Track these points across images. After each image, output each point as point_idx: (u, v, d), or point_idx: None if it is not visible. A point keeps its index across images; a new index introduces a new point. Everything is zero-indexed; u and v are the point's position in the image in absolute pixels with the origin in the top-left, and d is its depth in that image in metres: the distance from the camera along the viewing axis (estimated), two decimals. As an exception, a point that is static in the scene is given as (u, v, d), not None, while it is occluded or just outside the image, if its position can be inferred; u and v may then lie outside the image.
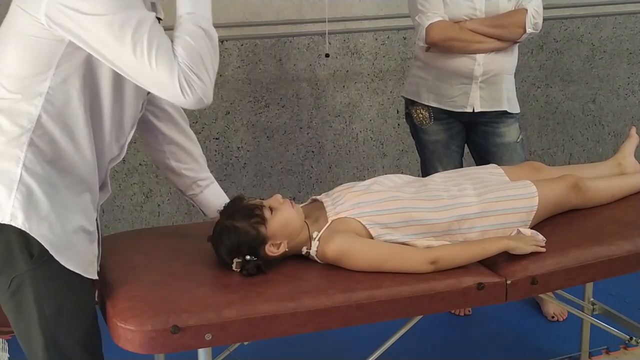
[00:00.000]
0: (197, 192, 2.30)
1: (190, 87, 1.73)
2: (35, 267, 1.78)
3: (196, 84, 1.74)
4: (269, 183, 3.95)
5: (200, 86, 1.74)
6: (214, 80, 1.80)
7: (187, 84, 1.73)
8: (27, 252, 1.77)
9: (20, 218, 1.74)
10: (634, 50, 4.57)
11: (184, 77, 1.72)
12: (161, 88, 1.75)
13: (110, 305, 1.92)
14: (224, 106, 3.79)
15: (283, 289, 1.99)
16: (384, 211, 2.17)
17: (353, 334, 2.44)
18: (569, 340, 3.07)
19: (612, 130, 4.66)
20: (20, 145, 1.75)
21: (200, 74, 1.74)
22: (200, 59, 1.75)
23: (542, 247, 2.17)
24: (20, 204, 1.74)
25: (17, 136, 1.75)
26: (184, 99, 1.74)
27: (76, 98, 1.78)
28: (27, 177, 1.75)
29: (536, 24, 2.96)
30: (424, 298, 2.03)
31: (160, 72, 1.71)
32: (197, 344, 1.88)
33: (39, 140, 1.77)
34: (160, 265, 2.13)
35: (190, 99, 1.74)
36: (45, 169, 1.78)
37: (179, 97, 1.74)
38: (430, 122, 3.12)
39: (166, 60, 1.71)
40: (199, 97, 1.75)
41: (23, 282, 1.79)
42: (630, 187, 2.55)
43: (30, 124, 1.75)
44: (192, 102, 1.75)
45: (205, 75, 1.76)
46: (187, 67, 1.73)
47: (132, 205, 3.70)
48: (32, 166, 1.76)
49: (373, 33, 3.99)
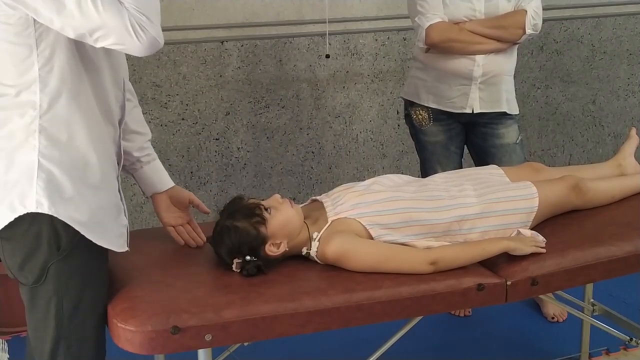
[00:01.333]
0: (137, 167, 2.20)
1: (143, 29, 1.71)
2: (60, 258, 1.81)
3: (147, 24, 1.71)
4: (269, 184, 3.95)
5: (152, 26, 1.72)
6: (160, 21, 1.78)
7: (139, 26, 1.71)
8: (54, 244, 1.80)
9: (46, 204, 1.77)
10: (634, 51, 4.57)
11: (135, 20, 1.70)
12: (114, 36, 1.72)
13: (110, 305, 1.92)
14: (224, 107, 3.79)
15: (283, 290, 1.99)
16: (384, 211, 2.17)
17: (353, 335, 2.44)
18: (569, 341, 3.06)
19: (612, 131, 4.66)
20: (32, 133, 1.77)
21: (149, 15, 1.72)
22: None
23: (542, 248, 2.17)
24: (43, 190, 1.77)
25: (26, 125, 1.77)
26: (138, 42, 1.71)
27: (68, 70, 1.79)
28: (45, 162, 1.77)
29: (536, 25, 2.96)
30: (424, 299, 2.03)
31: (110, 19, 1.69)
32: (197, 344, 1.88)
33: (48, 124, 1.78)
34: (160, 265, 2.13)
35: (144, 41, 1.72)
36: (62, 150, 1.79)
37: (134, 41, 1.71)
38: (429, 123, 3.12)
39: (113, 6, 1.69)
40: (152, 37, 1.72)
41: (47, 274, 1.81)
42: (631, 188, 2.55)
43: (35, 111, 1.77)
44: (147, 44, 1.72)
45: (154, 15, 1.74)
46: (134, 9, 1.71)
47: (132, 206, 3.71)
48: (48, 152, 1.78)
49: (373, 34, 3.99)
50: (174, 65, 3.67)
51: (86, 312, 1.87)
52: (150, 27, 1.72)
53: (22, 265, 1.82)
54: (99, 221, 1.85)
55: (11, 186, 1.78)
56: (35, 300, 1.85)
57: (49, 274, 1.82)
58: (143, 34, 1.71)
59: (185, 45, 3.66)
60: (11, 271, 1.86)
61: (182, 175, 3.77)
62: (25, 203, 1.77)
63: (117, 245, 1.91)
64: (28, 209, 1.77)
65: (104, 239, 1.86)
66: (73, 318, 1.85)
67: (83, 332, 1.88)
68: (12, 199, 1.78)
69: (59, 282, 1.83)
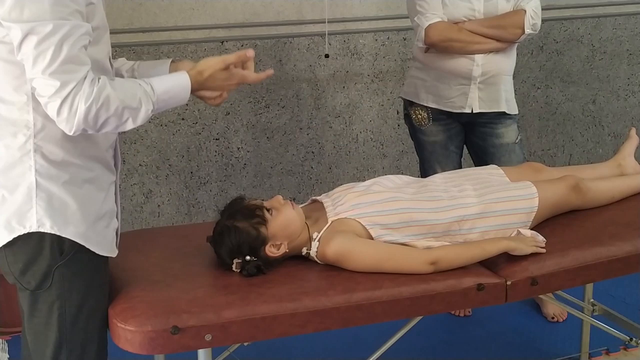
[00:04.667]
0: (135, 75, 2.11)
1: (71, 115, 1.68)
2: (63, 263, 1.80)
3: (78, 118, 1.68)
4: (269, 184, 3.95)
5: (80, 123, 1.69)
6: (96, 130, 1.74)
7: (69, 110, 1.67)
8: (57, 248, 1.79)
9: (48, 223, 1.77)
10: (634, 51, 4.57)
11: (72, 102, 1.67)
12: (43, 97, 1.69)
13: (110, 305, 1.92)
14: (224, 107, 3.79)
15: (283, 290, 1.99)
16: (384, 212, 2.17)
17: (353, 335, 2.44)
18: (568, 341, 3.07)
19: (612, 131, 4.66)
20: (28, 153, 1.76)
21: (94, 120, 1.70)
22: (113, 109, 1.71)
23: (542, 248, 2.17)
24: (44, 210, 1.77)
25: (22, 145, 1.76)
26: (59, 119, 1.69)
27: None
28: (43, 181, 1.77)
29: (535, 24, 2.96)
30: (423, 299, 2.03)
31: (51, 80, 1.66)
32: (197, 344, 1.88)
33: (43, 142, 1.77)
34: (160, 265, 2.13)
35: (64, 124, 1.69)
36: (59, 168, 1.79)
37: (55, 116, 1.69)
38: (428, 123, 3.12)
39: (66, 71, 1.66)
40: (74, 129, 1.70)
41: (50, 279, 1.80)
42: (631, 188, 2.55)
43: (29, 130, 1.76)
44: (69, 126, 1.69)
45: (102, 119, 1.71)
46: (95, 95, 1.69)
47: (132, 206, 3.71)
48: (45, 170, 1.77)
49: (373, 34, 3.99)
50: (174, 65, 3.66)
51: (89, 315, 1.86)
52: (78, 115, 1.68)
53: (25, 270, 1.81)
54: (99, 232, 1.85)
55: (9, 206, 1.77)
56: (37, 305, 1.83)
57: (52, 279, 1.80)
58: (67, 113, 1.68)
59: (185, 45, 3.66)
60: (13, 276, 1.84)
61: (182, 175, 3.77)
62: (26, 224, 1.77)
63: (110, 250, 1.90)
64: (28, 229, 1.77)
65: (102, 247, 1.86)
66: (76, 322, 1.84)
67: (85, 336, 1.87)
68: (10, 219, 1.77)
69: (62, 286, 1.82)
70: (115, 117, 1.74)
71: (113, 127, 1.76)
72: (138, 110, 1.77)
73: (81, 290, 1.84)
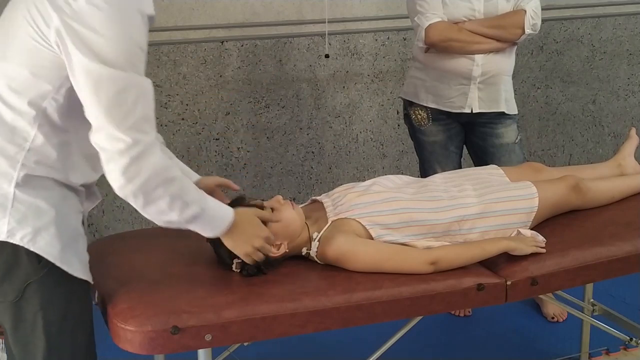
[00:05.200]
0: None
1: (133, 176, 1.66)
2: (43, 273, 1.76)
3: (139, 181, 1.66)
4: (269, 184, 3.95)
5: (138, 187, 1.67)
6: (140, 207, 1.72)
7: (135, 171, 1.65)
8: (35, 259, 1.75)
9: (18, 235, 1.72)
10: (634, 51, 4.57)
11: (141, 162, 1.65)
12: (109, 151, 1.66)
13: (110, 305, 1.92)
14: (224, 107, 3.79)
15: (283, 290, 1.99)
16: (384, 212, 2.17)
17: (353, 335, 2.44)
18: (568, 341, 3.06)
19: (612, 131, 4.66)
20: (14, 165, 1.72)
21: (151, 191, 1.68)
22: (172, 190, 1.71)
23: (542, 248, 2.17)
24: (17, 221, 1.72)
25: (11, 155, 1.72)
26: (119, 176, 1.66)
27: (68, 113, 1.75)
28: (21, 194, 1.73)
29: (535, 24, 2.96)
30: (423, 299, 2.03)
31: (123, 135, 1.64)
32: (197, 344, 1.88)
33: (33, 158, 1.73)
34: (160, 265, 2.13)
35: (122, 182, 1.67)
36: (39, 183, 1.75)
37: (116, 172, 1.66)
38: (428, 123, 3.12)
39: (140, 129, 1.65)
40: (127, 191, 1.68)
41: (30, 289, 1.76)
42: (631, 188, 2.55)
43: (25, 142, 1.72)
44: (123, 183, 1.67)
45: (159, 194, 1.70)
46: (160, 167, 1.68)
47: (132, 205, 3.70)
48: (24, 184, 1.73)
49: (373, 34, 3.99)
50: (174, 65, 3.67)
51: (75, 321, 1.84)
52: (137, 182, 1.66)
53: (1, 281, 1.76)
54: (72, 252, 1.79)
55: None
56: (20, 316, 1.79)
57: (31, 289, 1.76)
58: (128, 178, 1.66)
59: (185, 45, 3.66)
60: None
61: (182, 175, 3.77)
62: None
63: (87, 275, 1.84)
64: None
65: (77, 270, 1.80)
66: (62, 329, 1.81)
67: (75, 341, 1.84)
68: None
69: (43, 295, 1.77)
70: (169, 200, 1.72)
71: (157, 210, 1.74)
72: (187, 207, 1.76)
73: (65, 297, 1.80)
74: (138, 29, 1.67)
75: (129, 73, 1.65)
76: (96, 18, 1.62)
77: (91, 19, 1.62)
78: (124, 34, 1.64)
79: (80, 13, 1.62)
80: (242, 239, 1.94)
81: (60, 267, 1.76)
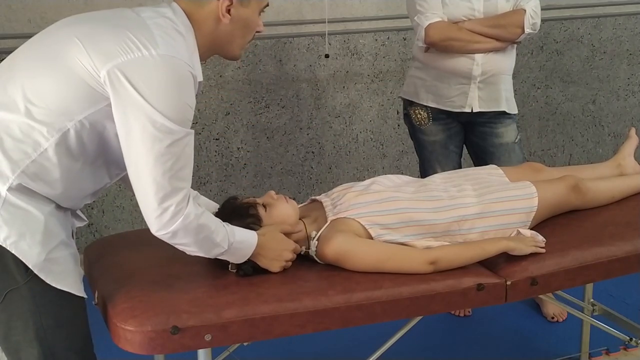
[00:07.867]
0: None
1: (172, 219, 1.77)
2: (31, 278, 1.75)
3: (172, 229, 1.78)
4: (269, 184, 3.95)
5: (171, 234, 1.80)
6: (176, 243, 1.85)
7: (173, 215, 1.77)
8: (22, 265, 1.74)
9: (2, 235, 1.72)
10: (634, 51, 4.58)
11: (178, 210, 1.76)
12: (147, 194, 1.76)
13: (110, 306, 1.92)
14: (224, 107, 3.79)
15: (283, 290, 1.99)
16: (383, 211, 2.17)
17: (353, 335, 2.44)
18: (568, 341, 3.06)
19: (612, 131, 4.66)
20: (14, 169, 1.72)
21: (182, 237, 1.81)
22: (197, 239, 1.84)
23: (541, 248, 2.17)
24: (4, 222, 1.72)
25: (15, 159, 1.72)
26: (157, 217, 1.77)
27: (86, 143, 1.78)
28: (12, 198, 1.73)
29: (534, 24, 2.96)
30: (423, 299, 2.03)
31: (166, 184, 1.74)
32: (197, 344, 1.88)
33: (35, 170, 1.74)
34: (159, 265, 2.13)
35: (160, 224, 1.78)
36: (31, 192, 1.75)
37: (154, 214, 1.77)
38: (428, 123, 3.12)
39: (179, 184, 1.75)
40: (159, 234, 1.80)
41: (18, 295, 1.75)
42: (630, 188, 2.55)
43: (34, 152, 1.73)
44: (158, 227, 1.79)
45: (186, 240, 1.83)
46: (193, 216, 1.79)
47: (132, 205, 3.70)
48: (18, 189, 1.73)
49: (373, 34, 3.99)
50: (173, 65, 3.66)
51: (69, 325, 1.83)
52: (175, 225, 1.78)
53: None
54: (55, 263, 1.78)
55: None
56: (10, 323, 1.78)
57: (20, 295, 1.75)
58: (167, 221, 1.78)
59: (185, 45, 3.66)
60: None
61: (182, 175, 3.77)
62: None
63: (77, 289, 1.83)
64: None
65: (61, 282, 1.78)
66: (57, 334, 1.80)
67: (70, 345, 1.84)
68: None
69: (34, 301, 1.76)
70: (199, 245, 1.87)
71: (185, 249, 1.89)
72: (215, 247, 1.90)
73: (56, 301, 1.79)
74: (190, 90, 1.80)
75: (184, 128, 1.75)
76: (152, 70, 1.71)
77: (148, 71, 1.71)
78: (180, 92, 1.75)
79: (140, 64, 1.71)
80: (272, 256, 2.04)
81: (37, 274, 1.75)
